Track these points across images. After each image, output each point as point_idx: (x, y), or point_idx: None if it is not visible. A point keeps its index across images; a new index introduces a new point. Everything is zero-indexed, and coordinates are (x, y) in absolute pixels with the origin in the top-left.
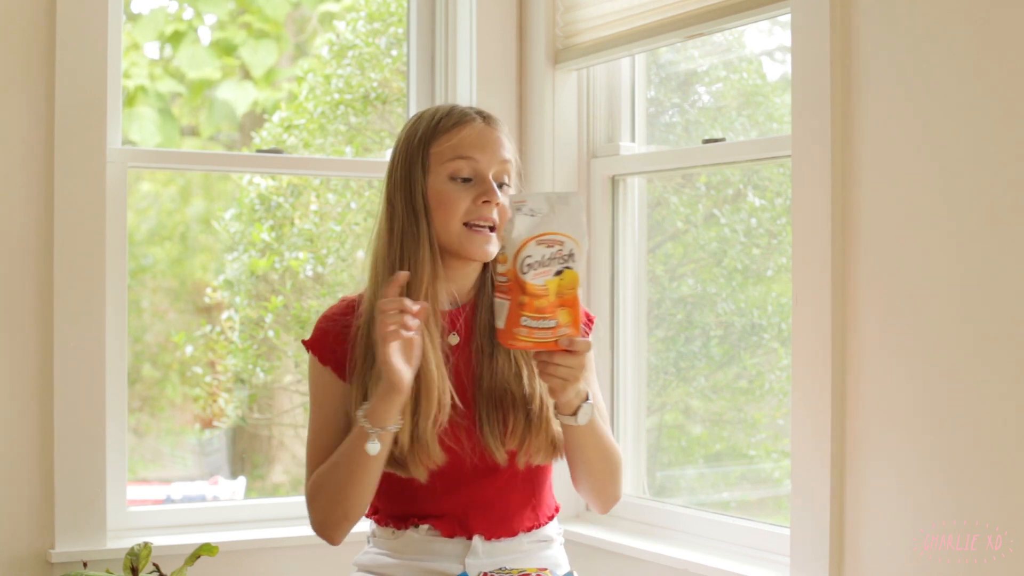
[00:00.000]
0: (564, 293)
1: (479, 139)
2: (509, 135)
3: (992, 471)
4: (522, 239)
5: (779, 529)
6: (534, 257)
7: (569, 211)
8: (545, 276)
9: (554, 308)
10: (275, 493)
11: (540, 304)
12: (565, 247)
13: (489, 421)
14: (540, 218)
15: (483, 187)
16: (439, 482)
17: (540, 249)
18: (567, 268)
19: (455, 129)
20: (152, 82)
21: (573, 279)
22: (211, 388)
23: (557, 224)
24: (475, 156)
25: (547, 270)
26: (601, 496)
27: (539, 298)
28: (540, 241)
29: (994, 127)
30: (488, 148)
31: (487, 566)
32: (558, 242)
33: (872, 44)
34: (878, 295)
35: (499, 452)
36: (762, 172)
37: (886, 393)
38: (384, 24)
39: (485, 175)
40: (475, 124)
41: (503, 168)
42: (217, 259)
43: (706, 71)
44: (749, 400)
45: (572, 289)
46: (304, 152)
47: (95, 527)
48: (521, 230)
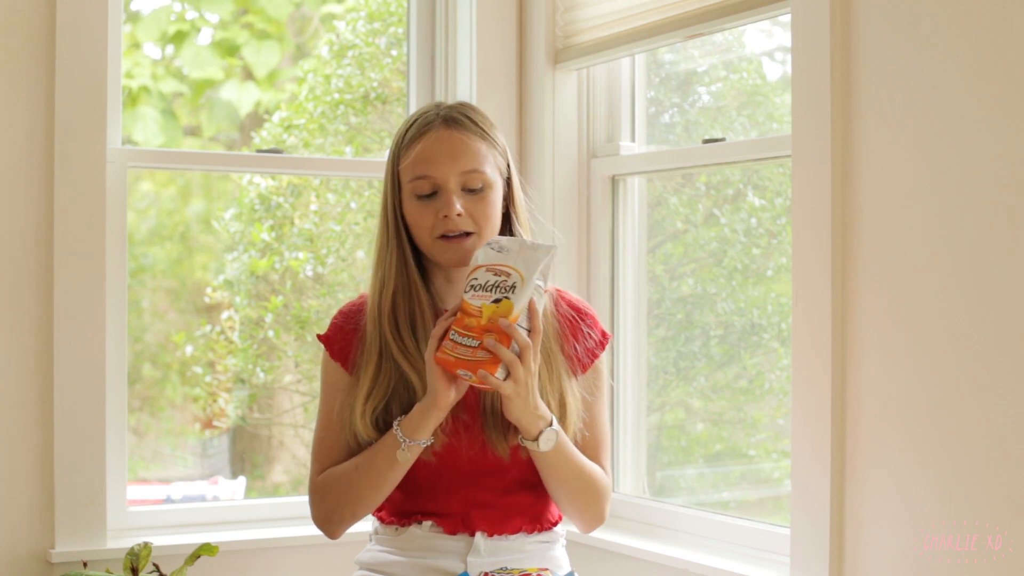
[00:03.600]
0: (496, 320)
1: (436, 151)
2: (485, 133)
3: (992, 471)
4: (476, 265)
5: (779, 529)
6: (479, 281)
7: (531, 255)
8: (483, 299)
9: (481, 331)
10: (275, 493)
11: (469, 323)
12: (510, 279)
13: (493, 417)
14: (503, 254)
15: (441, 201)
16: (441, 480)
17: (487, 275)
18: (506, 298)
19: (414, 144)
20: (155, 82)
21: (508, 308)
22: (211, 388)
23: (512, 260)
24: (431, 173)
25: (487, 295)
26: (579, 517)
27: (470, 317)
28: (489, 268)
29: (994, 126)
30: (445, 159)
31: (488, 565)
32: (505, 273)
33: (872, 44)
34: (878, 295)
35: (501, 445)
36: (762, 172)
37: (886, 393)
38: (384, 24)
39: (444, 187)
40: (433, 134)
41: (467, 177)
42: (217, 259)
43: (706, 71)
44: (749, 400)
45: (505, 317)
46: (304, 152)
47: (95, 527)
48: (479, 258)
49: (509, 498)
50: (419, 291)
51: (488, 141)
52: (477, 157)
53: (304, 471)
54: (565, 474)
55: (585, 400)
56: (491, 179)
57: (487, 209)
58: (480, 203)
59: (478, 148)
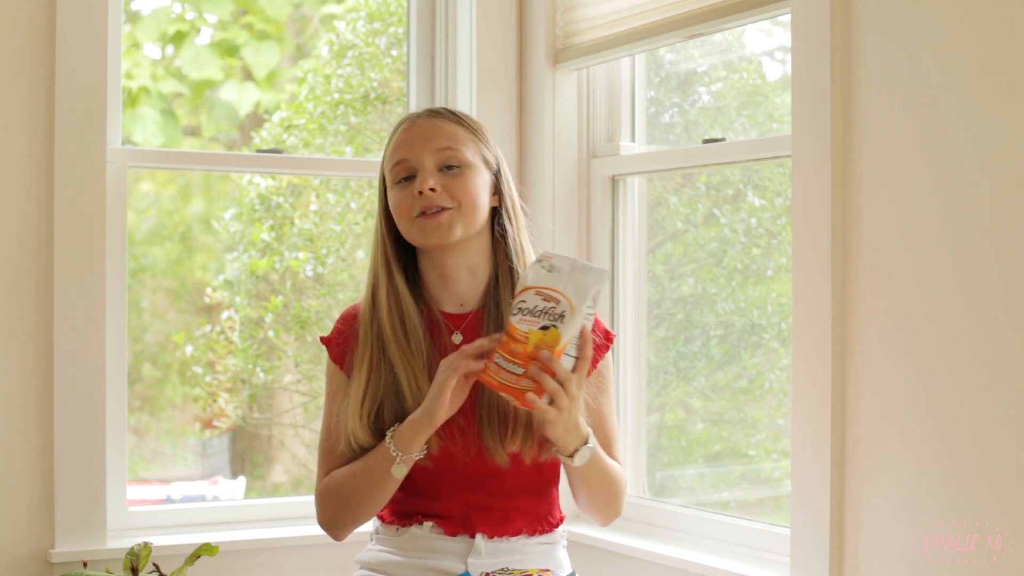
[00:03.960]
0: (541, 352)
1: (410, 137)
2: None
3: (992, 471)
4: (524, 285)
5: (779, 529)
6: (527, 304)
7: (582, 280)
8: (530, 325)
9: (527, 358)
10: (275, 493)
11: (515, 348)
12: (559, 306)
13: (490, 423)
14: (554, 275)
15: (416, 180)
16: (440, 482)
17: (536, 299)
18: (553, 326)
19: (395, 139)
20: (155, 83)
21: (555, 337)
22: (211, 388)
23: (563, 285)
24: (406, 156)
25: (535, 320)
26: (600, 515)
27: (516, 342)
28: (539, 292)
29: (994, 126)
30: (418, 141)
31: (489, 566)
32: (555, 299)
33: (872, 44)
34: (878, 295)
35: (499, 454)
36: (762, 172)
37: (886, 393)
38: (384, 24)
39: (419, 168)
40: (408, 124)
41: (443, 155)
42: (217, 259)
43: (706, 71)
44: (749, 400)
45: (552, 347)
46: (304, 152)
47: (95, 527)
48: (528, 278)
49: (510, 500)
50: (405, 293)
51: (468, 130)
52: (453, 137)
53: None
54: (595, 482)
55: (590, 405)
56: (469, 160)
57: (466, 184)
58: (456, 179)
59: (454, 131)
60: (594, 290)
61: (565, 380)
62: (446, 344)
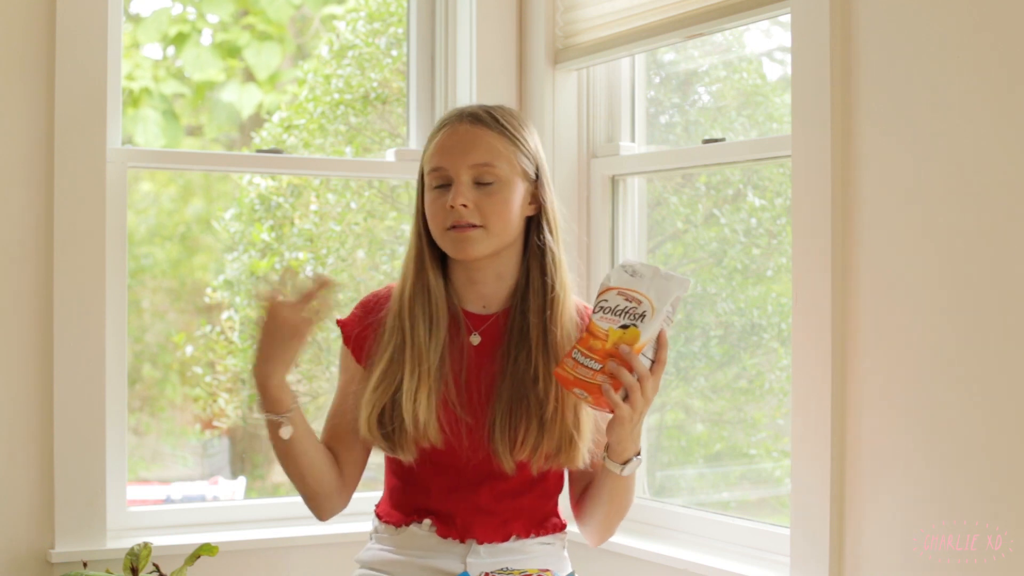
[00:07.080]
0: (621, 347)
1: (448, 145)
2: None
3: (993, 471)
4: (607, 286)
5: (779, 529)
6: (609, 303)
7: (664, 285)
8: (610, 323)
9: (605, 355)
10: (275, 493)
11: (594, 344)
12: (641, 307)
13: (501, 428)
14: (636, 279)
15: (450, 192)
16: (441, 480)
17: (618, 299)
18: (633, 325)
19: (436, 141)
20: (156, 84)
21: (634, 336)
22: (211, 388)
23: (645, 288)
24: (442, 164)
25: (616, 319)
26: (605, 532)
27: (596, 339)
28: (621, 292)
29: (994, 126)
30: (455, 151)
31: (489, 566)
32: (636, 300)
33: (872, 44)
34: (878, 295)
35: (507, 461)
36: (762, 172)
37: (886, 392)
38: (384, 24)
39: (455, 179)
40: (450, 128)
41: (479, 171)
42: (217, 259)
43: (706, 71)
44: (749, 400)
45: (631, 344)
46: (304, 152)
47: (95, 527)
48: (612, 279)
49: (511, 502)
50: (435, 290)
51: (510, 138)
52: (491, 152)
53: None
54: (620, 497)
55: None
56: (505, 176)
57: (497, 205)
58: (489, 198)
59: (493, 143)
60: (675, 295)
61: (643, 377)
62: (463, 343)
